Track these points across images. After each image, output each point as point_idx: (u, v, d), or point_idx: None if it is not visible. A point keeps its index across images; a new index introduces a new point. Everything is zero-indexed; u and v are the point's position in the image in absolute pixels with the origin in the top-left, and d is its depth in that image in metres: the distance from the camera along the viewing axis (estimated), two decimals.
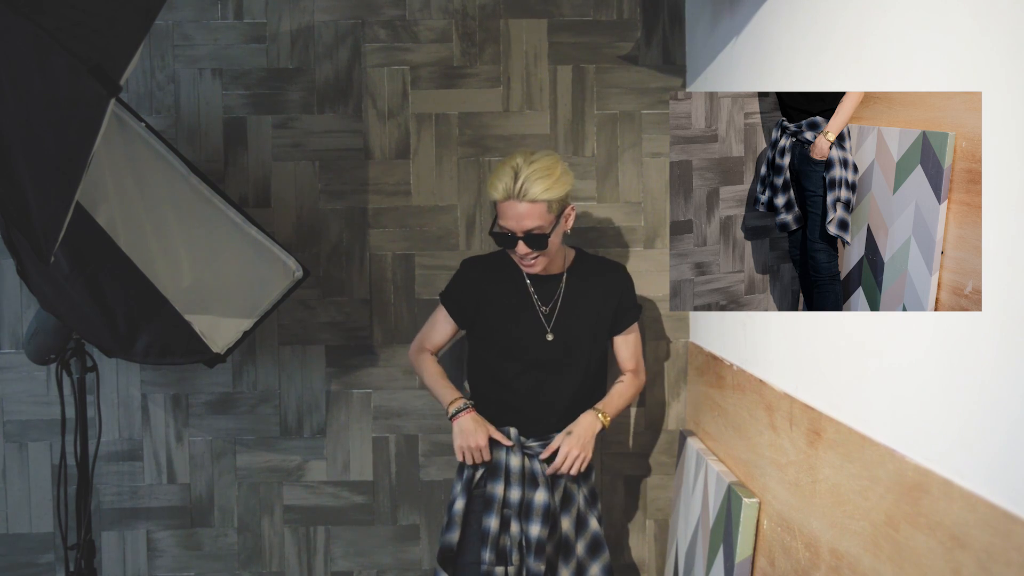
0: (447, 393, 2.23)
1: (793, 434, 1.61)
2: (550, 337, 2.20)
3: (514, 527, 2.09)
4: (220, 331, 2.16)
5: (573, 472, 2.13)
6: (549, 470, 2.14)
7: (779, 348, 1.72)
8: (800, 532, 1.55)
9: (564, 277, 2.24)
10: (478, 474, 2.17)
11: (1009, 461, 0.93)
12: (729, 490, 1.91)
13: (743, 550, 1.79)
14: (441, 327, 2.32)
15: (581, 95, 2.63)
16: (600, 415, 2.20)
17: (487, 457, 2.13)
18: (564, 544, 2.16)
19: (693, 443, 2.35)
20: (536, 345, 2.20)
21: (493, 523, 2.09)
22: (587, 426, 2.18)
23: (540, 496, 2.10)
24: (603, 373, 2.32)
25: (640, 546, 2.66)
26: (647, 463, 2.66)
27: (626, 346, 2.32)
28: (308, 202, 2.62)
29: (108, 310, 1.98)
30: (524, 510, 2.10)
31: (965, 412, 1.02)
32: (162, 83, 2.60)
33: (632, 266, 2.62)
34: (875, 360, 1.26)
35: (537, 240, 2.05)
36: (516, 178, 2.01)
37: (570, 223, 2.14)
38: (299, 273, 2.24)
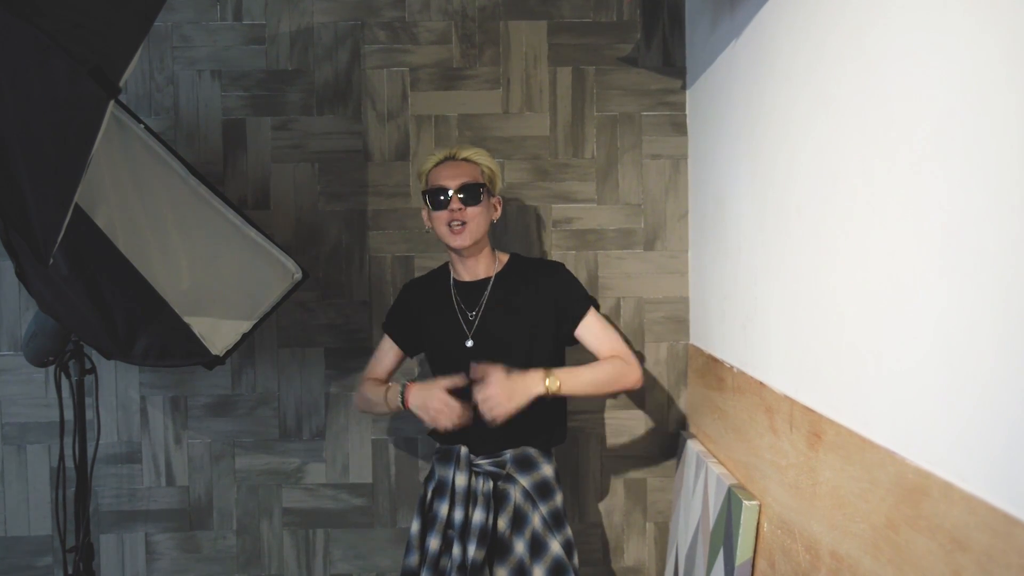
0: (389, 389, 2.13)
1: (793, 436, 1.60)
2: (470, 343, 2.12)
3: (456, 549, 2.03)
4: (219, 333, 2.15)
5: (484, 415, 1.94)
6: (474, 375, 1.99)
7: (779, 350, 1.72)
8: (800, 535, 1.55)
9: (491, 281, 2.17)
10: (429, 494, 2.15)
11: (1010, 463, 0.92)
12: (729, 492, 1.91)
13: (743, 553, 1.79)
14: (385, 358, 2.27)
15: (581, 97, 2.63)
16: (549, 377, 1.98)
17: (458, 410, 1.97)
18: (519, 568, 2.04)
19: (693, 445, 2.34)
20: (458, 353, 2.11)
21: (434, 543, 2.06)
22: (524, 379, 1.97)
23: (478, 515, 2.03)
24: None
25: (640, 548, 2.66)
26: (647, 465, 2.65)
27: (592, 335, 2.13)
28: (307, 204, 2.62)
29: (107, 312, 1.98)
30: (465, 531, 2.04)
31: (966, 414, 1.01)
32: (161, 85, 2.60)
33: (632, 268, 2.62)
34: (875, 362, 1.26)
35: (471, 192, 2.08)
36: (451, 147, 2.18)
37: (497, 213, 2.19)
38: (298, 275, 2.24)
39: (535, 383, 1.98)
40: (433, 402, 2.01)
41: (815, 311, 1.51)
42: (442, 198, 2.08)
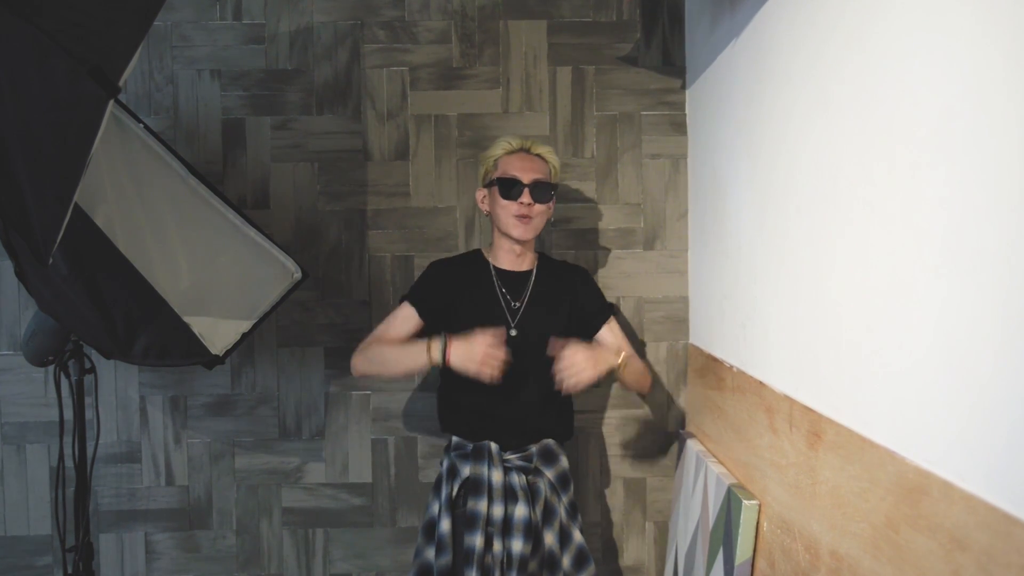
0: (420, 344, 2.06)
1: (793, 436, 1.60)
2: (514, 332, 2.15)
3: (496, 545, 2.04)
4: (219, 333, 2.16)
5: (565, 382, 1.98)
6: (553, 350, 2.03)
7: (779, 350, 1.72)
8: (800, 534, 1.55)
9: (533, 274, 2.24)
10: (455, 490, 2.12)
11: (1009, 463, 0.93)
12: (729, 492, 1.91)
13: (743, 552, 1.79)
14: (400, 327, 2.19)
15: (580, 96, 2.63)
16: (620, 356, 2.09)
17: (501, 361, 1.98)
18: (550, 559, 2.10)
19: (693, 445, 2.34)
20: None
21: (478, 541, 2.03)
22: (602, 353, 2.05)
23: (520, 511, 2.06)
24: None
25: (640, 548, 2.66)
26: (647, 465, 2.65)
27: (612, 336, 2.27)
28: (307, 203, 2.62)
29: (106, 312, 1.98)
30: (506, 526, 2.06)
31: (965, 414, 1.01)
32: (161, 84, 2.60)
33: (631, 267, 2.62)
34: (875, 362, 1.26)
35: (543, 190, 2.13)
36: (524, 139, 2.20)
37: (552, 212, 2.22)
38: (298, 275, 2.24)
39: (612, 355, 2.08)
40: (479, 351, 1.98)
41: (815, 310, 1.51)
42: (515, 190, 2.12)
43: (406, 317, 2.21)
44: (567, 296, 2.25)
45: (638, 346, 2.62)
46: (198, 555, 2.64)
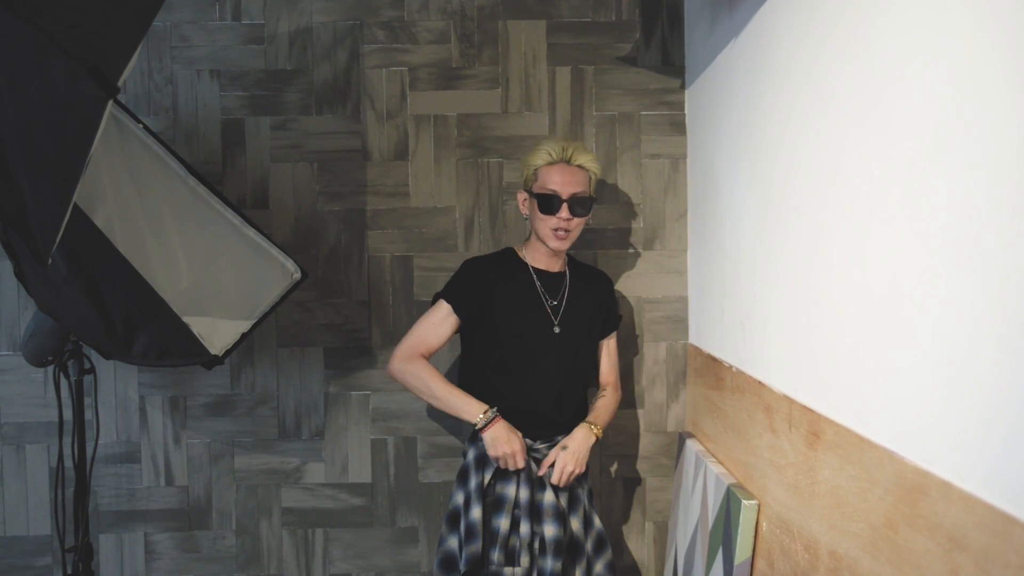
0: (472, 403, 2.14)
1: (792, 436, 1.60)
2: (557, 330, 2.22)
3: (524, 528, 2.09)
4: (218, 333, 2.15)
5: (561, 485, 2.14)
6: (548, 476, 2.16)
7: (778, 350, 1.72)
8: (799, 534, 1.55)
9: (568, 274, 2.30)
10: (487, 478, 2.13)
11: (1008, 463, 0.93)
12: (728, 492, 1.91)
13: (742, 552, 1.79)
14: (440, 328, 2.21)
15: (580, 96, 2.63)
16: (594, 427, 2.22)
17: (522, 463, 2.11)
18: (575, 544, 2.17)
19: (692, 445, 2.34)
20: (544, 339, 2.22)
21: (503, 523, 2.08)
22: (582, 440, 2.19)
23: (549, 496, 2.13)
24: (593, 373, 2.41)
25: (639, 548, 2.66)
26: (646, 465, 2.65)
27: (607, 354, 2.41)
28: (306, 204, 2.62)
29: (106, 312, 1.98)
30: (534, 511, 2.12)
31: (964, 414, 1.01)
32: (160, 84, 2.60)
33: (631, 267, 2.63)
34: (874, 362, 1.26)
35: (582, 204, 2.14)
36: (566, 148, 2.16)
37: (588, 217, 2.22)
38: (297, 275, 2.24)
39: (589, 438, 2.20)
40: (508, 447, 2.09)
41: (814, 310, 1.51)
42: (554, 205, 2.13)
43: (444, 316, 2.22)
44: (593, 300, 2.32)
45: (638, 343, 2.62)
46: (198, 555, 2.64)
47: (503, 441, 2.10)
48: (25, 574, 2.61)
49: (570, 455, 2.15)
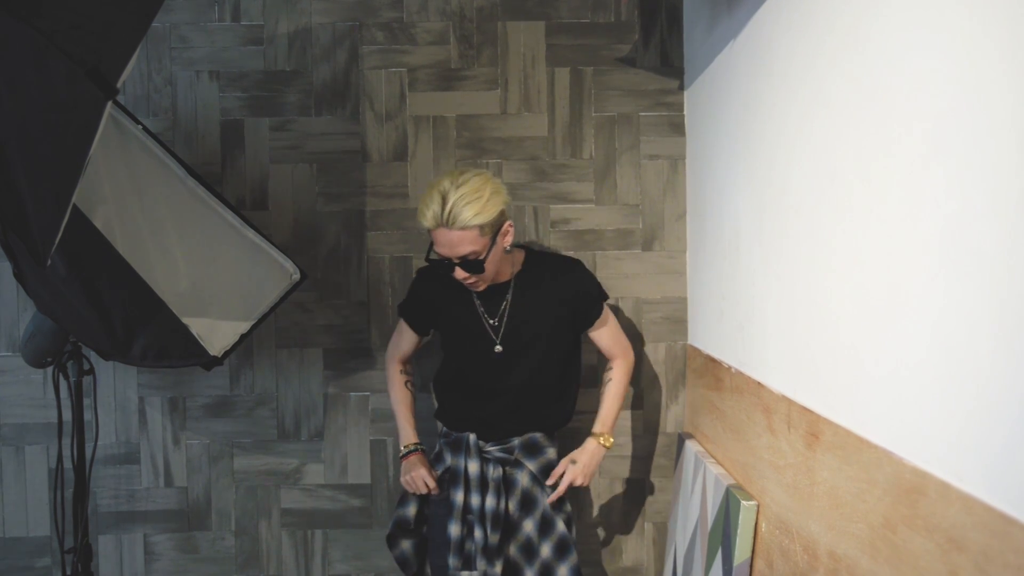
0: (404, 432, 2.30)
1: (791, 436, 1.60)
2: (499, 349, 2.18)
3: (477, 532, 2.12)
4: (217, 334, 2.15)
5: (560, 492, 2.19)
6: (552, 497, 2.17)
7: (777, 351, 1.72)
8: (798, 535, 1.55)
9: (512, 285, 2.18)
10: (438, 474, 2.22)
11: (1007, 463, 0.93)
12: (727, 493, 1.91)
13: (742, 553, 1.79)
14: (407, 336, 2.35)
15: (579, 97, 2.63)
16: (602, 439, 2.23)
17: (431, 484, 2.19)
18: (527, 546, 2.18)
19: (691, 446, 2.35)
20: (487, 359, 2.19)
21: (454, 529, 2.14)
22: (592, 454, 2.21)
23: (489, 502, 2.14)
24: (573, 368, 2.31)
25: (639, 549, 2.66)
26: (645, 466, 2.65)
27: (601, 334, 2.30)
28: (306, 205, 2.62)
29: (105, 313, 1.98)
30: (482, 516, 2.13)
31: (963, 414, 1.02)
32: (159, 85, 2.60)
33: (630, 268, 2.62)
34: (873, 362, 1.26)
35: (473, 265, 2.01)
36: (444, 204, 1.93)
37: (508, 240, 2.07)
38: (296, 276, 2.24)
39: (598, 452, 2.23)
40: (412, 472, 2.21)
41: (813, 311, 1.51)
42: (447, 268, 2.05)
43: (406, 330, 2.34)
44: (555, 299, 2.19)
45: (637, 343, 2.62)
46: (197, 556, 2.64)
47: (405, 471, 2.23)
48: (25, 575, 2.61)
49: (579, 470, 2.17)
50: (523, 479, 2.19)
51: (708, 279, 2.34)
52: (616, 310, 2.63)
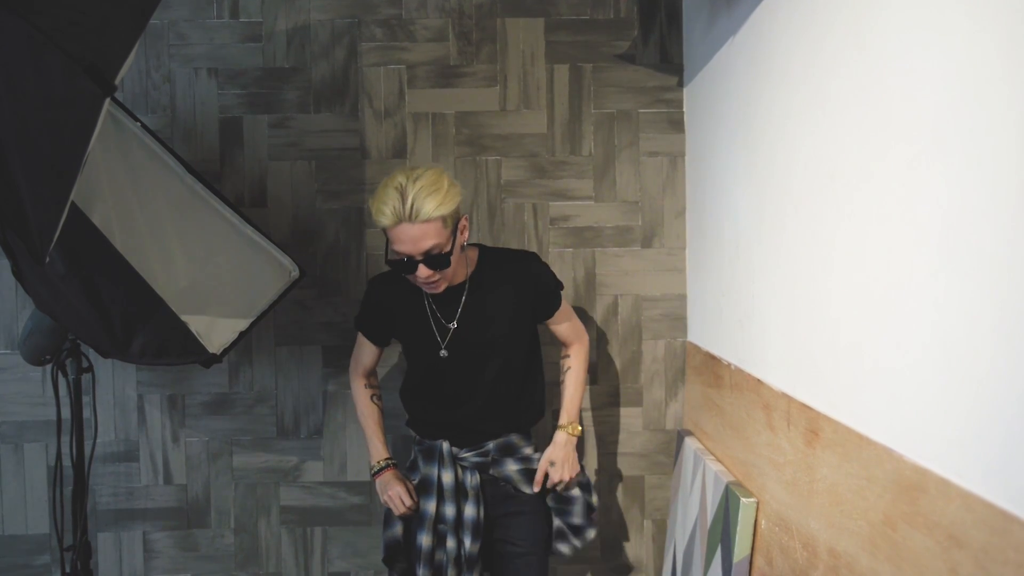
0: (375, 447, 2.24)
1: (791, 434, 1.60)
2: (444, 353, 2.08)
3: (450, 542, 2.08)
4: (216, 332, 2.15)
5: (558, 489, 2.17)
6: (535, 487, 2.15)
7: (777, 347, 1.72)
8: (798, 532, 1.55)
9: (466, 286, 2.09)
10: (414, 483, 2.18)
11: (1007, 461, 0.93)
12: (727, 490, 1.91)
13: (741, 550, 1.79)
14: (366, 350, 2.26)
15: (578, 94, 2.62)
16: (569, 428, 2.19)
17: (408, 502, 2.12)
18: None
19: (691, 443, 2.35)
20: (435, 363, 2.11)
21: (425, 540, 2.09)
22: (562, 445, 2.17)
23: (469, 511, 2.09)
24: (535, 359, 2.22)
25: (638, 546, 2.66)
26: (645, 463, 2.65)
27: (561, 325, 2.23)
28: (304, 202, 2.61)
29: (104, 311, 1.97)
30: (459, 524, 2.10)
31: (963, 411, 1.01)
32: (158, 82, 2.59)
33: (629, 265, 2.62)
34: (873, 359, 1.26)
35: (438, 260, 1.90)
36: (404, 198, 1.84)
37: (465, 236, 1.99)
38: (295, 273, 2.23)
39: (569, 442, 2.19)
40: (388, 495, 2.16)
41: (812, 308, 1.51)
42: (409, 268, 1.92)
43: (364, 343, 2.26)
44: (508, 294, 2.10)
45: (636, 340, 2.62)
46: (196, 554, 2.64)
47: (382, 490, 2.18)
48: (24, 573, 2.61)
49: (558, 469, 2.15)
50: (510, 469, 2.15)
51: (708, 276, 2.34)
52: (615, 307, 2.63)
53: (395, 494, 2.14)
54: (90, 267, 1.93)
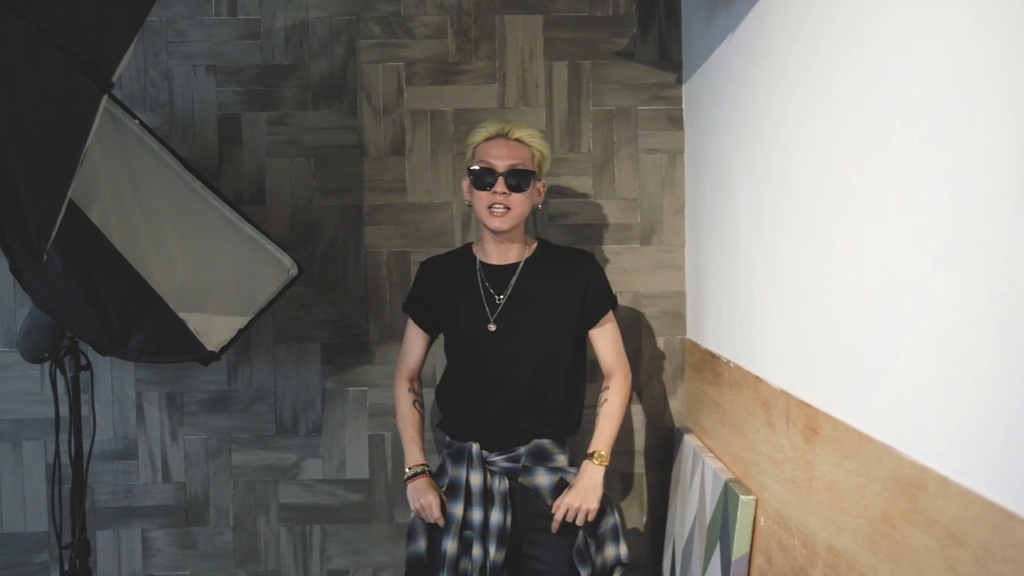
0: (411, 452, 2.18)
1: (790, 431, 1.60)
2: (492, 328, 2.09)
3: (476, 551, 2.03)
4: (215, 329, 2.15)
5: (579, 523, 2.04)
6: (554, 527, 2.05)
7: (776, 345, 1.72)
8: (797, 529, 1.55)
9: (520, 266, 2.14)
10: (444, 488, 2.12)
11: (1006, 458, 0.92)
12: (726, 487, 1.91)
13: (740, 547, 1.79)
14: (413, 341, 2.25)
15: (577, 91, 2.62)
16: (596, 459, 2.08)
17: (437, 514, 2.06)
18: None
19: (690, 440, 2.35)
20: (479, 338, 2.10)
21: (451, 546, 2.03)
22: (587, 476, 2.06)
23: (495, 517, 2.04)
24: (579, 372, 2.18)
25: (637, 543, 2.66)
26: (644, 460, 2.65)
27: (603, 340, 2.18)
28: (303, 199, 2.61)
29: (102, 308, 1.97)
30: (485, 531, 2.04)
31: (962, 409, 1.01)
32: (156, 80, 2.59)
33: (628, 262, 2.62)
34: (872, 357, 1.26)
35: (519, 177, 2.03)
36: (506, 122, 2.11)
37: (542, 196, 2.16)
38: (294, 271, 2.23)
39: (595, 473, 2.07)
40: (422, 499, 2.09)
41: (812, 305, 1.51)
42: (488, 179, 2.03)
43: (414, 332, 2.25)
44: (565, 286, 2.13)
45: (636, 338, 2.62)
46: (195, 551, 2.63)
47: (415, 497, 2.11)
48: (23, 571, 2.61)
49: (574, 494, 2.04)
50: (540, 480, 2.08)
51: (707, 273, 2.34)
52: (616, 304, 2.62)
53: (428, 503, 2.07)
54: (88, 265, 1.93)
